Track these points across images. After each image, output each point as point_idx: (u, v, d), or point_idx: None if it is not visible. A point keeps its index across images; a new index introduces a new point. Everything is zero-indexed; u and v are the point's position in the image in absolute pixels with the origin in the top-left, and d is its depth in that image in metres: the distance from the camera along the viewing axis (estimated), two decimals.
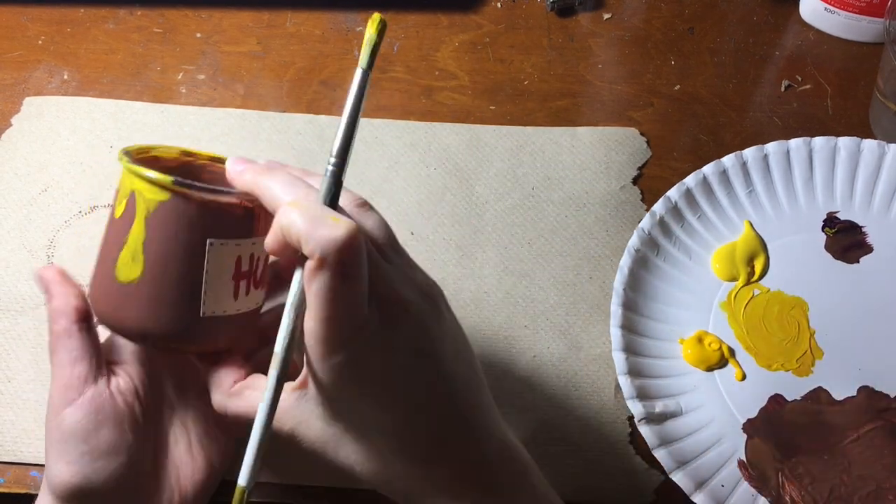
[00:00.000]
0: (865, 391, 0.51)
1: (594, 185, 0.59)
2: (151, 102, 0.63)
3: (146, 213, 0.39)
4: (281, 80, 0.65)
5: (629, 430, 0.51)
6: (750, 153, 0.57)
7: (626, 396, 0.50)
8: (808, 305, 0.54)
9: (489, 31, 0.67)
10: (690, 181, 0.57)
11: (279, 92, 0.64)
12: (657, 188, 0.59)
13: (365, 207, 0.39)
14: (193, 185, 0.39)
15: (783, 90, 0.64)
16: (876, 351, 0.52)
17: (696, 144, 0.61)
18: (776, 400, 0.51)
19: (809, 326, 0.53)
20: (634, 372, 0.51)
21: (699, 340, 0.53)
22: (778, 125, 0.62)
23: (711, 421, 0.51)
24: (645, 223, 0.55)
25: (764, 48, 0.66)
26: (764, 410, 0.51)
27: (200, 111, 0.63)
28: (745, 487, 0.48)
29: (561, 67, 0.65)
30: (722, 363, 0.52)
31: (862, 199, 0.57)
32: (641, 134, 0.61)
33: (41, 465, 0.51)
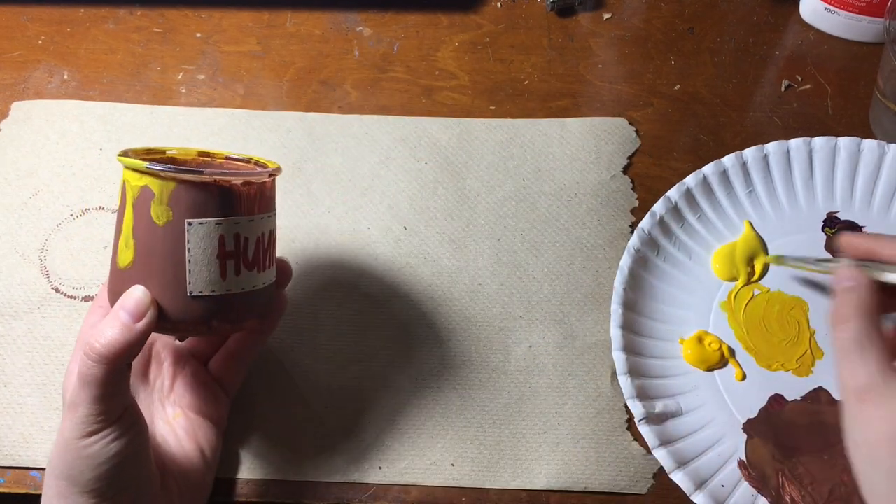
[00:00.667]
0: None
1: (585, 175, 0.60)
2: (150, 104, 0.63)
3: (133, 199, 0.42)
4: (281, 79, 0.65)
5: (626, 417, 0.52)
6: (750, 153, 0.57)
7: (626, 396, 0.50)
8: (808, 305, 0.54)
9: (489, 31, 0.67)
10: (690, 181, 0.57)
11: (279, 92, 0.64)
12: (657, 188, 0.59)
13: None
14: (164, 167, 0.40)
15: (783, 90, 0.64)
16: None
17: (696, 144, 0.61)
18: (776, 400, 0.51)
19: (809, 326, 0.53)
20: (634, 372, 0.51)
21: (699, 340, 0.53)
22: (778, 125, 0.62)
23: (711, 421, 0.51)
24: (645, 223, 0.55)
25: (764, 48, 0.66)
26: (764, 410, 0.51)
27: (190, 112, 0.63)
28: (744, 487, 0.48)
29: (561, 67, 0.65)
30: (722, 363, 0.52)
31: (862, 199, 0.57)
32: (630, 123, 0.62)
33: (40, 468, 0.51)
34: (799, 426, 0.50)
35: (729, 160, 0.57)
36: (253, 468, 0.51)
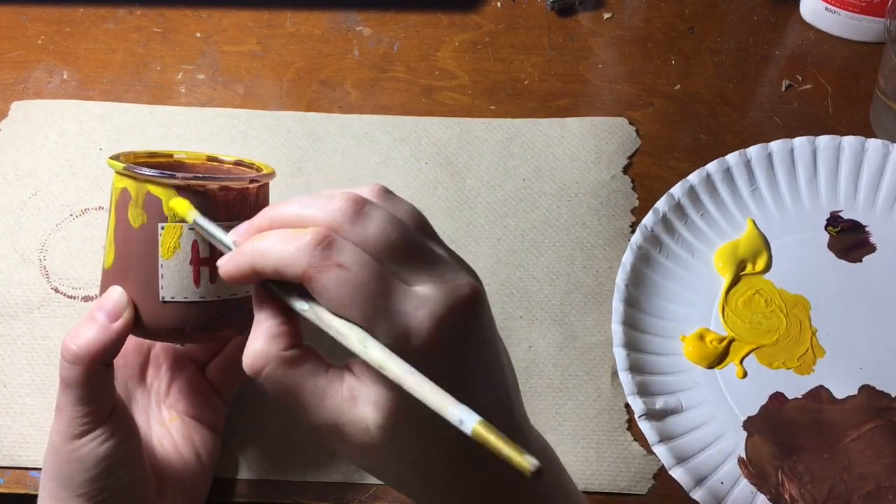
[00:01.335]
0: (866, 390, 0.51)
1: (585, 175, 0.59)
2: (149, 103, 0.63)
3: (115, 201, 0.42)
4: (281, 79, 0.65)
5: (627, 417, 0.52)
6: (754, 151, 0.57)
7: (626, 393, 0.50)
8: (810, 304, 0.54)
9: (489, 30, 0.67)
10: (694, 178, 0.57)
11: (279, 92, 0.64)
12: (657, 188, 0.58)
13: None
14: (138, 169, 0.40)
15: (784, 90, 0.64)
16: (877, 350, 0.52)
17: (696, 144, 0.61)
18: (777, 398, 0.51)
19: (811, 325, 0.53)
20: (635, 368, 0.51)
21: (701, 338, 0.52)
22: (778, 125, 0.62)
23: (712, 418, 0.51)
24: (648, 220, 0.55)
25: (764, 48, 0.66)
26: (764, 408, 0.51)
27: (190, 111, 0.63)
28: (744, 485, 0.48)
29: (561, 67, 0.65)
30: (723, 361, 0.52)
31: (865, 198, 0.57)
32: (630, 123, 0.62)
33: (39, 468, 0.51)
34: (799, 424, 0.50)
35: (732, 158, 0.57)
36: (253, 468, 0.51)
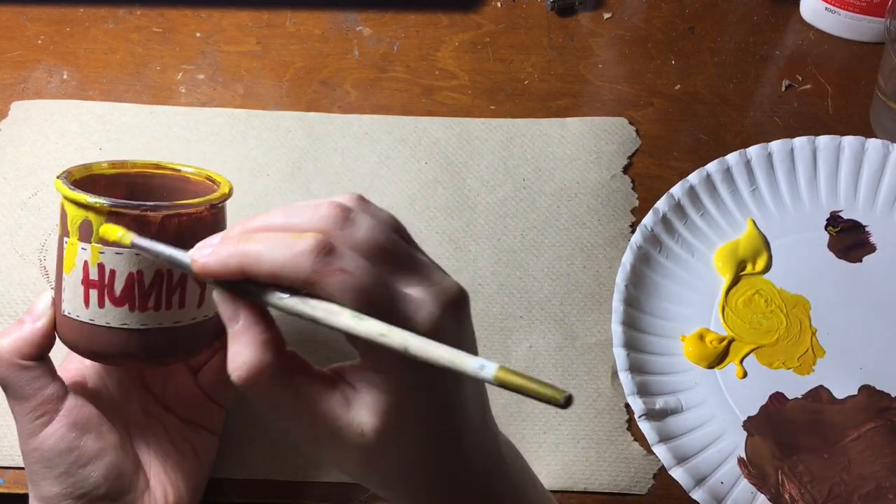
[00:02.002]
0: (866, 390, 0.51)
1: (585, 175, 0.59)
2: (149, 103, 0.63)
3: (59, 214, 0.43)
4: (281, 79, 0.65)
5: (627, 417, 0.51)
6: (754, 151, 0.57)
7: (626, 393, 0.50)
8: (810, 304, 0.54)
9: (489, 30, 0.67)
10: (694, 178, 0.57)
11: (279, 92, 0.64)
12: (657, 188, 0.58)
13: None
14: (66, 183, 0.41)
15: (784, 90, 0.64)
16: (877, 350, 0.52)
17: (696, 144, 0.61)
18: (777, 398, 0.51)
19: (811, 325, 0.53)
20: (635, 368, 0.51)
21: (701, 338, 0.52)
22: (778, 125, 0.62)
23: (712, 418, 0.51)
24: (648, 220, 0.55)
25: (764, 48, 0.66)
26: (764, 408, 0.51)
27: (190, 111, 0.63)
28: (744, 485, 0.48)
29: (561, 67, 0.65)
30: (723, 361, 0.52)
31: (865, 198, 0.57)
32: (630, 123, 0.61)
33: None
34: (799, 424, 0.50)
35: (732, 158, 0.57)
36: (252, 468, 0.51)
